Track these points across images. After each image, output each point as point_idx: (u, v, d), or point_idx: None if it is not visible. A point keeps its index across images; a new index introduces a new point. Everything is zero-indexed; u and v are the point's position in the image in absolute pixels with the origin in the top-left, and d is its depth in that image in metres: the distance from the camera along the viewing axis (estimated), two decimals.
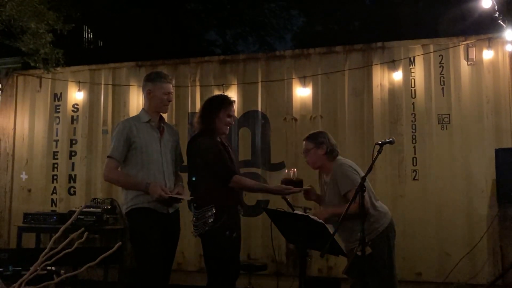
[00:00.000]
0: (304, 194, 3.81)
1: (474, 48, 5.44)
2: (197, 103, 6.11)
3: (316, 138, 3.72)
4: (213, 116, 3.71)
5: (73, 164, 6.56)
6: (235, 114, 6.00)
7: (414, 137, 5.54)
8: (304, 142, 3.80)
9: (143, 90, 3.79)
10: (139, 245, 3.61)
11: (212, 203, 3.60)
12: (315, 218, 3.10)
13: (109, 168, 3.64)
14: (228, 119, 3.76)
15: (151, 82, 3.73)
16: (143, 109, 3.82)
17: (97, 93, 6.59)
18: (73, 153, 6.59)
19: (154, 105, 3.73)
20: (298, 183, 3.70)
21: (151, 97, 3.72)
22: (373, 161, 3.18)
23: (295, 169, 3.78)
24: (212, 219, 3.58)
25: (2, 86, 6.90)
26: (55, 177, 6.60)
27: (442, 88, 5.52)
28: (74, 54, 7.93)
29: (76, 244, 2.56)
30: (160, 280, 3.58)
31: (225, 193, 3.60)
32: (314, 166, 3.77)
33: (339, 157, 3.71)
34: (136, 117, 3.79)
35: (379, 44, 5.78)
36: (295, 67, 6.00)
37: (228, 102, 3.81)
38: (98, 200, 6.09)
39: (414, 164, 5.49)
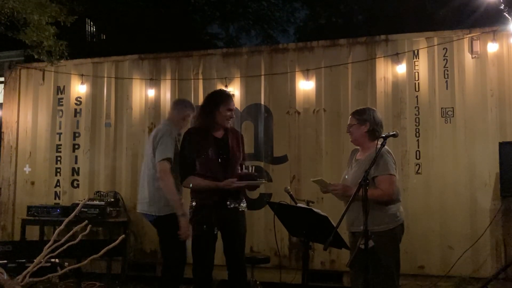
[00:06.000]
0: None
1: (478, 41, 5.39)
2: (199, 96, 6.10)
3: (361, 115, 3.66)
4: (213, 111, 3.80)
5: (76, 157, 6.58)
6: (238, 107, 6.07)
7: (417, 130, 5.52)
8: (349, 118, 3.75)
9: None
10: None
11: (193, 196, 3.76)
12: (318, 211, 3.10)
13: None
14: (229, 113, 3.85)
15: None
16: None
17: (100, 86, 6.58)
18: (76, 146, 6.60)
19: None
20: (247, 177, 3.76)
21: None
22: (377, 154, 3.18)
23: (249, 165, 3.88)
24: (191, 212, 3.75)
25: (5, 79, 6.90)
26: (58, 170, 6.61)
27: (446, 81, 5.49)
28: (77, 47, 7.93)
29: (79, 237, 2.57)
30: None
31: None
32: (354, 142, 3.73)
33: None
34: None
35: (383, 37, 5.74)
36: (298, 60, 5.97)
37: (227, 96, 3.91)
38: (101, 193, 6.11)
39: (417, 158, 5.48)
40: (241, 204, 3.84)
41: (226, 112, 3.82)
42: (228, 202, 3.74)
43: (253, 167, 3.90)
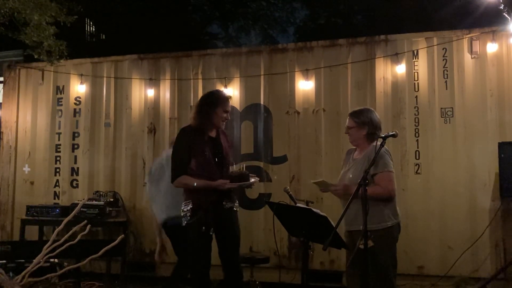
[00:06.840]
0: None
1: (478, 41, 5.40)
2: (199, 96, 6.06)
3: (359, 117, 3.64)
4: (210, 112, 3.79)
5: (75, 157, 6.57)
6: (237, 107, 6.07)
7: (417, 130, 5.52)
8: (348, 118, 3.73)
9: None
10: None
11: (189, 198, 3.72)
12: (318, 211, 3.10)
13: None
14: (225, 115, 3.85)
15: None
16: None
17: (100, 86, 6.58)
18: (76, 146, 6.60)
19: None
20: (239, 177, 3.75)
21: None
22: (376, 154, 3.18)
23: (243, 165, 3.95)
24: (189, 214, 3.70)
25: (4, 79, 6.89)
26: (57, 170, 6.61)
27: (446, 82, 5.49)
28: (77, 47, 7.92)
29: (79, 237, 2.57)
30: None
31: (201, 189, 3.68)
32: (353, 143, 3.74)
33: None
34: None
35: (382, 37, 5.75)
36: (297, 60, 5.97)
37: (224, 98, 3.91)
38: (101, 193, 6.10)
39: (417, 158, 5.48)
40: (235, 204, 3.86)
41: (223, 114, 3.83)
42: (224, 203, 3.75)
43: (244, 165, 3.91)
